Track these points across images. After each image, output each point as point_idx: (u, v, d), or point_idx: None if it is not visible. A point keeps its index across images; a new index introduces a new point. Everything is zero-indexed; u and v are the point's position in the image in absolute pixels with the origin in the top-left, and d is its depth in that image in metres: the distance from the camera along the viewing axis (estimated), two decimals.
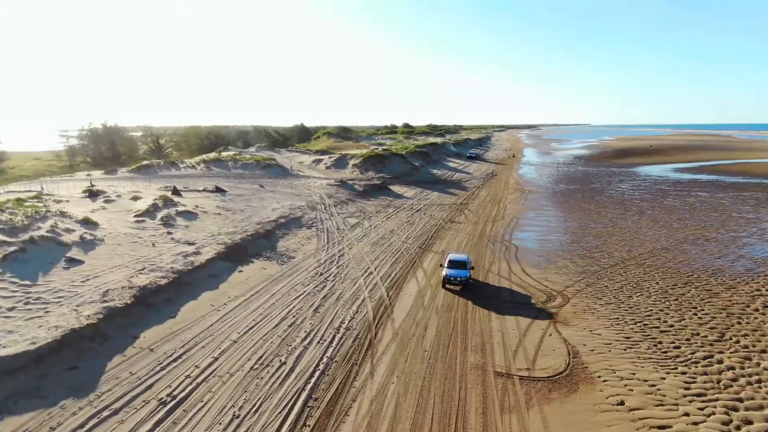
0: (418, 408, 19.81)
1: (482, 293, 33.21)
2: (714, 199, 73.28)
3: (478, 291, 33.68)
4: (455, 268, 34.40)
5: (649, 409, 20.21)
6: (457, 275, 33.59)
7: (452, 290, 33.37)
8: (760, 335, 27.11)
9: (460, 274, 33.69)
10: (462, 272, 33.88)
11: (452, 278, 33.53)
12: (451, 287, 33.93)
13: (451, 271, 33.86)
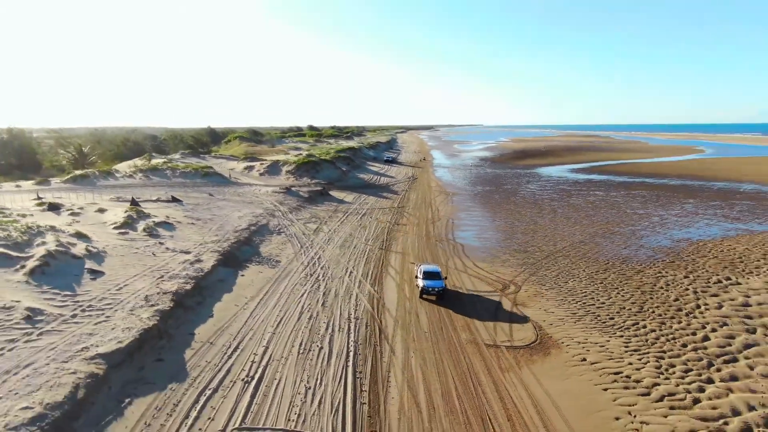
0: (440, 373, 25.55)
1: (451, 284, 39.42)
2: (609, 198, 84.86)
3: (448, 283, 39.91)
4: (431, 279, 36.19)
5: (604, 362, 27.23)
6: (433, 286, 35.53)
7: (428, 300, 35.64)
8: (668, 306, 35.41)
9: (436, 285, 35.65)
10: (438, 282, 35.89)
11: (429, 289, 35.42)
12: (427, 297, 35.87)
13: (428, 282, 35.70)
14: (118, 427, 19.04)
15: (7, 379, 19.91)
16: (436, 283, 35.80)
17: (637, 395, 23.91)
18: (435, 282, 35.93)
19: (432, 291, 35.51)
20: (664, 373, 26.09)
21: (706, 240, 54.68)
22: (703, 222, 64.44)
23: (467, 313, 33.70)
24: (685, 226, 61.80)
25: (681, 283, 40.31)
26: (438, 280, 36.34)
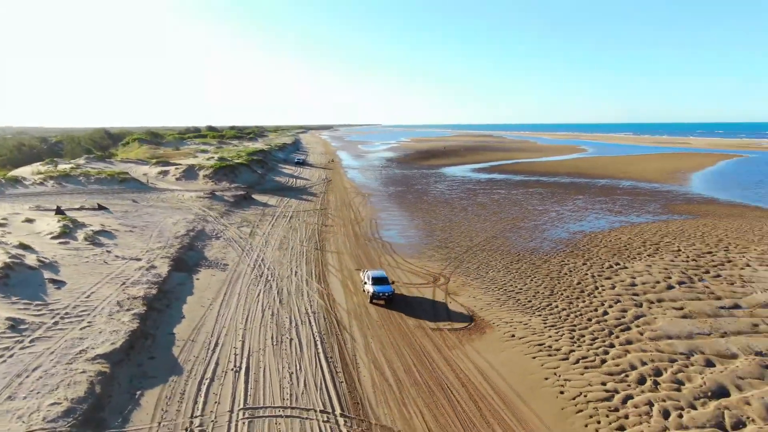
0: (398, 354, 29.78)
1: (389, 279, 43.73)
2: (511, 195, 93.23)
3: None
4: (380, 284, 37.38)
5: (529, 337, 32.72)
6: (383, 291, 36.80)
7: (378, 305, 36.86)
8: (573, 289, 41.92)
9: (385, 290, 36.90)
10: (387, 287, 37.19)
11: (380, 294, 36.64)
12: (377, 302, 37.03)
13: (377, 287, 36.95)
14: (140, 414, 21.49)
15: (23, 381, 21.64)
16: (386, 288, 37.11)
17: (559, 360, 29.44)
18: (384, 287, 37.21)
19: (382, 296, 36.71)
20: (576, 341, 31.94)
21: (596, 231, 63.00)
22: (592, 216, 73.48)
23: (409, 303, 38.15)
24: (579, 220, 70.31)
25: (581, 269, 47.25)
26: (387, 285, 37.64)
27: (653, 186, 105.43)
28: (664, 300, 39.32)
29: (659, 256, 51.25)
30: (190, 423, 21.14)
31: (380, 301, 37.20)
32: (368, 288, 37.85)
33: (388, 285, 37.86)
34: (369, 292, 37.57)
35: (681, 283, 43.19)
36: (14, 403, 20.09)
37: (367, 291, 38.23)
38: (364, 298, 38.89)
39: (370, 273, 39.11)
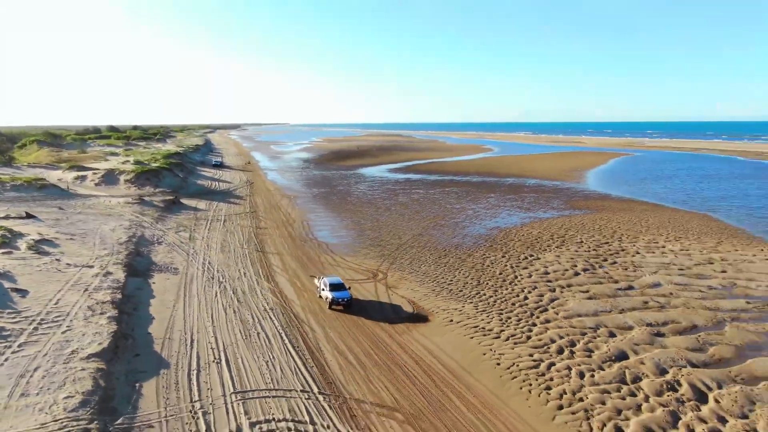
0: (355, 341, 33.73)
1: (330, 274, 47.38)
2: (429, 195, 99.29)
3: (328, 274, 47.83)
4: (337, 290, 38.43)
5: (465, 321, 37.71)
6: (342, 296, 38.03)
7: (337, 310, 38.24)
8: (496, 278, 47.62)
9: (344, 296, 38.10)
10: (345, 293, 38.34)
11: (339, 300, 37.80)
12: (336, 308, 38.22)
13: (336, 293, 37.98)
14: (145, 402, 24.02)
15: (29, 380, 23.54)
16: (344, 294, 38.27)
17: (492, 339, 34.58)
18: (342, 293, 38.33)
19: (341, 302, 37.86)
20: (505, 323, 37.32)
21: (510, 227, 69.83)
22: (505, 212, 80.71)
23: (356, 297, 42.10)
24: (493, 217, 77.13)
25: (501, 261, 53.22)
26: (345, 290, 38.78)
27: (555, 184, 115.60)
28: (572, 285, 45.81)
29: (566, 247, 58.40)
30: (192, 407, 24.01)
31: (339, 306, 38.32)
32: (326, 294, 38.60)
33: (346, 291, 38.96)
34: (327, 299, 38.37)
35: (585, 270, 50.12)
36: (30, 398, 22.10)
37: (325, 297, 38.91)
38: (315, 298, 42.34)
39: (327, 280, 39.79)
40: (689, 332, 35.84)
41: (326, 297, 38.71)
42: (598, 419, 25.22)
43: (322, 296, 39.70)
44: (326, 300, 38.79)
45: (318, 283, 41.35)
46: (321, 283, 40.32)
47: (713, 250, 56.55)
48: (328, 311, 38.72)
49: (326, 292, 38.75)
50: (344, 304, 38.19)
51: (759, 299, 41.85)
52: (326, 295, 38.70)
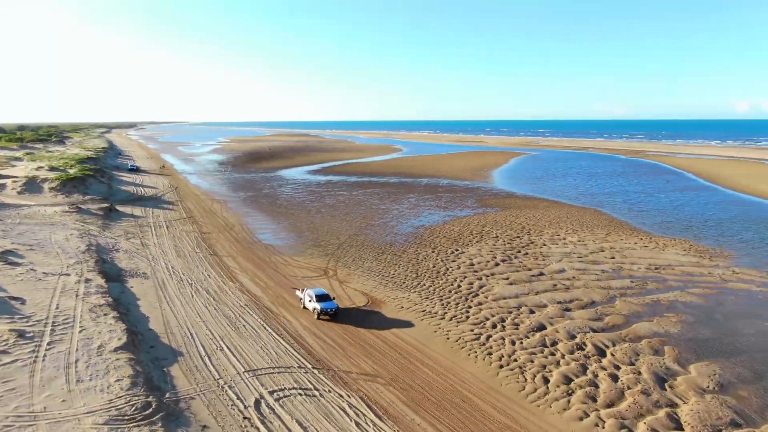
0: (330, 329, 39.93)
1: (282, 277, 53.07)
2: (354, 197, 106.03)
3: (284, 272, 53.44)
4: (324, 300, 40.62)
5: (413, 306, 44.93)
6: (329, 307, 40.27)
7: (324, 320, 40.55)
8: (431, 270, 55.32)
9: (331, 306, 40.38)
10: (332, 303, 40.68)
11: (327, 310, 40.08)
12: (323, 318, 40.51)
13: (323, 304, 40.16)
14: (178, 381, 28.97)
15: (76, 370, 27.85)
16: (331, 304, 40.57)
17: (439, 320, 42.04)
18: (329, 303, 40.66)
19: (330, 312, 40.24)
20: (446, 306, 44.95)
21: (434, 225, 78.17)
22: (426, 212, 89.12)
23: None
24: (417, 216, 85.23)
25: (432, 256, 61.08)
26: (330, 300, 41.00)
27: (466, 183, 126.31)
28: (495, 274, 54.44)
29: (484, 242, 67.39)
30: (217, 383, 29.37)
31: (326, 316, 40.64)
32: (314, 305, 40.61)
33: (332, 301, 41.20)
34: (316, 310, 40.42)
35: (504, 261, 59.09)
36: (86, 383, 26.58)
37: (312, 309, 40.95)
38: (279, 290, 47.95)
39: (312, 291, 42.08)
40: (589, 306, 45.21)
41: (314, 308, 40.67)
42: (530, 372, 33.29)
43: (309, 307, 41.71)
44: (314, 311, 40.78)
45: (301, 294, 43.43)
46: (305, 295, 42.52)
47: (604, 240, 67.73)
48: (297, 306, 44.50)
49: (313, 303, 40.75)
50: (331, 314, 40.54)
51: (639, 279, 52.45)
52: (313, 306, 40.63)
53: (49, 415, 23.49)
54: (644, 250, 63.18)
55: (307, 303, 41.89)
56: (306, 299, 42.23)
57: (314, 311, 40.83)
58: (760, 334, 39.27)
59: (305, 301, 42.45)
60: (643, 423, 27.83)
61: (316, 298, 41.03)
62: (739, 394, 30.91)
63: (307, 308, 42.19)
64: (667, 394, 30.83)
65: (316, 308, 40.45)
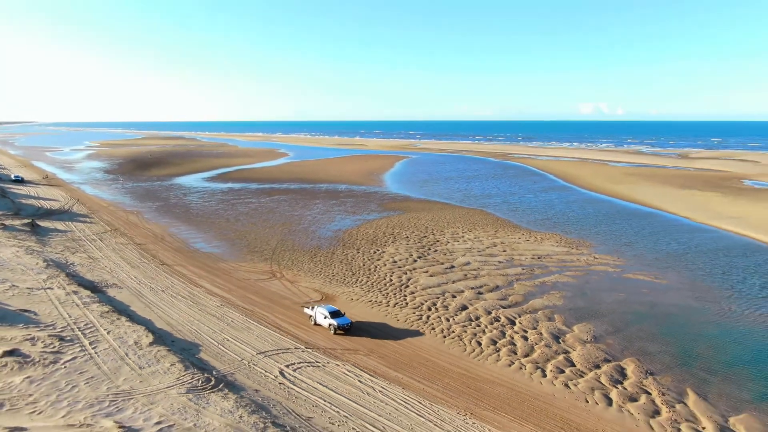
0: (305, 319, 48.89)
1: (238, 280, 60.68)
2: (264, 204, 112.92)
3: (238, 277, 60.94)
4: (338, 317, 44.28)
5: (361, 298, 54.96)
6: (345, 323, 44.13)
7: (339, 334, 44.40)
8: (363, 268, 65.59)
9: (346, 321, 44.30)
10: (346, 319, 44.71)
11: (342, 326, 43.73)
12: (340, 333, 43.99)
13: (339, 320, 43.93)
14: (213, 362, 36.68)
15: (132, 359, 34.72)
16: (345, 320, 44.51)
17: (385, 307, 52.54)
18: (344, 319, 44.60)
19: (346, 327, 43.91)
20: (387, 296, 55.54)
21: (349, 228, 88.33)
22: (338, 216, 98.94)
23: (274, 292, 56.52)
24: (331, 221, 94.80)
25: (358, 256, 71.33)
26: (343, 316, 44.94)
27: (363, 188, 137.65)
28: (416, 268, 65.93)
29: (398, 242, 78.86)
30: (242, 363, 37.54)
31: (341, 331, 44.08)
32: (329, 322, 44.23)
33: (345, 316, 45.18)
34: (332, 326, 43.97)
35: (419, 258, 70.88)
36: (148, 369, 33.65)
37: (328, 325, 44.55)
38: (238, 290, 55.65)
39: (324, 309, 45.50)
40: (496, 290, 58.07)
41: (329, 324, 44.18)
42: (466, 339, 44.89)
43: (322, 324, 45.14)
44: (329, 327, 44.28)
45: (311, 312, 46.71)
46: (316, 312, 45.92)
47: (494, 237, 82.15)
48: (265, 303, 52.68)
49: (329, 320, 44.22)
50: (347, 329, 44.19)
51: (528, 266, 66.65)
52: (329, 323, 44.14)
53: (140, 391, 30.72)
54: (527, 243, 78.25)
55: (321, 320, 45.25)
56: (319, 317, 45.54)
57: (330, 327, 44.36)
58: (616, 302, 54.27)
59: (317, 319, 45.85)
60: (550, 364, 40.43)
61: (330, 315, 44.56)
62: (607, 342, 44.77)
63: (320, 324, 45.58)
64: (562, 346, 43.90)
65: (332, 324, 43.96)
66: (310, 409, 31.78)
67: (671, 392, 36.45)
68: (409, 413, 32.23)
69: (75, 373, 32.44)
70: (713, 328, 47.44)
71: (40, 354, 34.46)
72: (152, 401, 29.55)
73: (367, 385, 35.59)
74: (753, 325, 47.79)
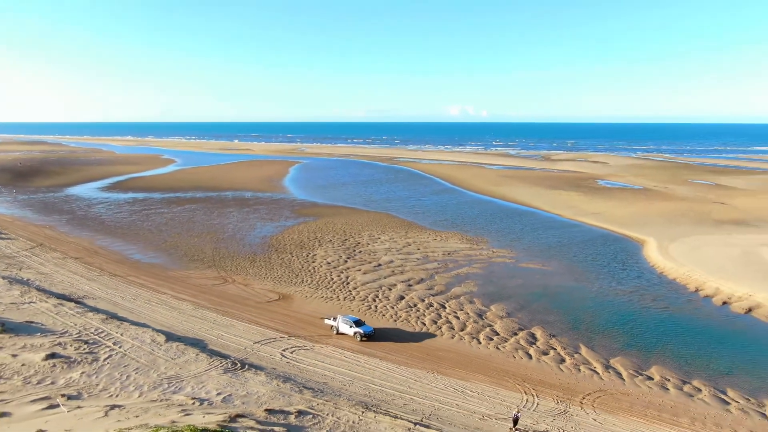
0: (275, 315, 57.29)
1: (196, 287, 67.18)
2: (178, 214, 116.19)
3: (195, 284, 67.36)
4: (361, 326, 49.85)
5: (313, 296, 64.19)
6: (368, 331, 49.67)
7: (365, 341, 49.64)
8: (303, 271, 74.58)
9: (370, 329, 49.94)
10: (369, 328, 50.17)
11: (367, 333, 49.30)
12: (365, 339, 49.26)
13: (364, 328, 49.53)
14: (225, 352, 44.47)
15: (161, 354, 41.72)
16: (369, 328, 50.38)
17: (336, 301, 62.21)
18: (367, 327, 50.44)
19: (371, 334, 49.69)
20: (335, 293, 65.23)
21: (275, 234, 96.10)
22: (258, 224, 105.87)
23: (235, 295, 63.93)
24: (253, 229, 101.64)
25: (294, 260, 79.92)
26: (365, 324, 50.86)
27: (269, 195, 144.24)
28: (349, 268, 76.10)
29: (325, 245, 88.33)
30: (246, 350, 45.67)
31: (366, 338, 49.39)
32: (355, 330, 49.68)
33: (365, 324, 51.03)
34: (358, 333, 49.39)
35: (349, 258, 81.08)
36: (180, 359, 40.78)
37: (355, 333, 49.75)
38: (214, 297, 62.51)
39: (348, 318, 50.86)
40: (422, 282, 69.88)
41: (355, 332, 49.62)
42: (412, 321, 56.07)
43: (347, 332, 50.32)
44: (355, 335, 49.70)
45: (333, 322, 51.91)
46: (339, 323, 51.01)
47: (406, 237, 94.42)
48: (232, 303, 60.19)
49: (354, 329, 49.73)
50: (371, 335, 49.77)
51: (442, 261, 79.42)
52: (355, 331, 49.60)
53: (186, 375, 38.24)
54: (435, 242, 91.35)
55: (347, 329, 50.32)
56: (343, 326, 50.61)
57: (356, 335, 49.72)
58: (517, 286, 68.37)
59: (341, 328, 50.87)
60: (481, 335, 52.82)
61: (355, 324, 50.07)
62: (518, 316, 58.22)
63: (343, 333, 50.72)
64: (486, 321, 56.63)
65: (358, 332, 49.48)
66: (320, 377, 41.19)
67: (569, 347, 50.27)
68: (395, 375, 42.79)
69: (120, 367, 39.03)
70: (590, 301, 62.79)
71: (78, 354, 40.35)
72: (201, 381, 37.36)
73: (352, 361, 45.50)
74: (616, 298, 63.89)
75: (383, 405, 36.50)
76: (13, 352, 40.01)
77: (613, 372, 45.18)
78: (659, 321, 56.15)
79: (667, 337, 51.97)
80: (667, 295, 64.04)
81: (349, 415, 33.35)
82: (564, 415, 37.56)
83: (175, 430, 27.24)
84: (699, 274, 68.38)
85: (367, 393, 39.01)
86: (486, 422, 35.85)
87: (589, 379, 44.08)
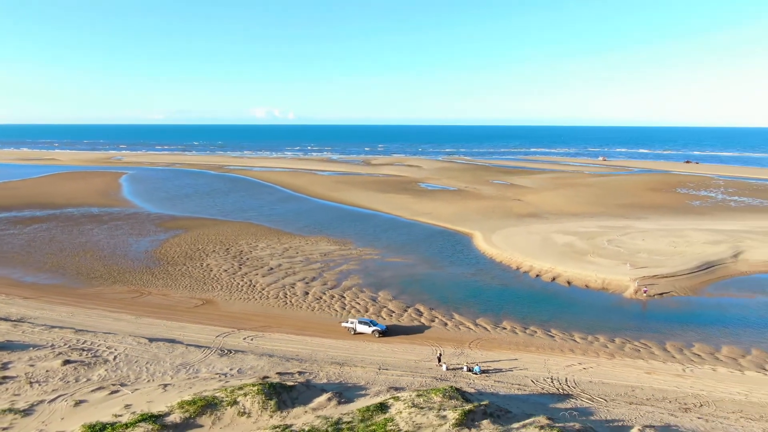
0: (213, 318, 68.01)
1: (118, 301, 74.03)
2: (31, 233, 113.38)
3: (118, 301, 74.07)
4: (375, 324, 60.84)
5: (232, 298, 75.49)
6: (383, 328, 60.85)
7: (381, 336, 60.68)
8: (208, 279, 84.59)
9: (383, 327, 61.02)
10: (383, 326, 61.35)
11: (384, 330, 60.46)
12: (381, 335, 60.16)
13: (379, 326, 60.78)
14: (204, 343, 55.15)
15: (155, 350, 51.55)
16: (383, 326, 61.44)
17: (255, 301, 74.50)
18: (382, 326, 61.58)
19: (385, 330, 60.96)
20: (249, 294, 77.11)
21: (155, 248, 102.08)
22: (130, 239, 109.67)
23: (161, 304, 72.49)
24: (128, 245, 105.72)
25: (193, 271, 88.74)
26: (379, 324, 62.16)
27: (121, 210, 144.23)
28: (248, 273, 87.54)
29: (212, 255, 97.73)
30: (216, 341, 56.91)
31: (381, 335, 60.45)
32: (372, 329, 60.38)
33: (378, 323, 62.55)
34: (376, 331, 60.25)
35: (241, 265, 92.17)
36: (176, 352, 50.94)
37: (372, 331, 60.30)
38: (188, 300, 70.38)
39: (364, 320, 61.82)
40: (315, 280, 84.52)
41: (373, 330, 60.36)
42: (323, 311, 71.19)
43: (365, 332, 60.78)
44: (373, 332, 60.35)
45: (350, 325, 61.82)
46: (356, 324, 61.33)
47: (281, 243, 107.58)
48: (185, 309, 69.23)
49: (371, 327, 60.58)
50: (386, 332, 61.14)
51: (323, 262, 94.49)
52: (372, 329, 60.42)
53: (192, 361, 49.18)
54: (309, 245, 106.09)
55: (365, 329, 60.92)
56: (361, 327, 61.17)
57: (374, 332, 60.47)
58: (391, 276, 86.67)
59: (358, 328, 61.34)
60: (383, 313, 69.87)
61: (371, 323, 61.32)
62: (402, 297, 76.34)
63: (361, 332, 61.06)
64: (380, 304, 73.79)
65: (376, 330, 60.54)
66: (290, 353, 54.78)
67: (447, 315, 69.72)
68: (330, 342, 57.92)
69: (133, 363, 48.66)
70: (448, 282, 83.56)
71: (87, 359, 48.79)
72: (209, 363, 48.97)
73: (299, 343, 59.41)
74: (467, 279, 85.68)
75: (350, 362, 51.84)
76: (27, 363, 47.13)
77: (481, 327, 65.50)
78: (500, 291, 78.69)
79: (508, 302, 74.24)
80: (500, 273, 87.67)
81: (332, 369, 48.28)
82: (462, 354, 56.41)
83: (244, 384, 39.88)
84: (517, 257, 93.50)
85: (332, 358, 53.82)
86: (419, 364, 53.17)
87: (467, 332, 63.74)
